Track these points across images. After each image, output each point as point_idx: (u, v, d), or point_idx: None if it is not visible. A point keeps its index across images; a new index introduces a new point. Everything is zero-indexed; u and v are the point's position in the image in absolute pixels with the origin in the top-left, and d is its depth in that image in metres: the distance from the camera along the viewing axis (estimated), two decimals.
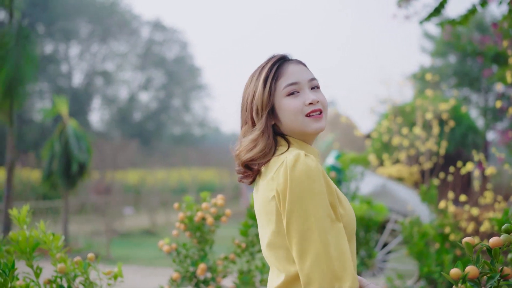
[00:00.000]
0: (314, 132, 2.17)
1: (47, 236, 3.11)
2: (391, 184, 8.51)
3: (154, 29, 45.40)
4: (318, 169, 2.03)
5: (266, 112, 2.16)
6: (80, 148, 12.61)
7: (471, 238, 1.97)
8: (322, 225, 1.97)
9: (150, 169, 24.07)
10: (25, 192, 18.90)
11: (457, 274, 1.90)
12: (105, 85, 43.65)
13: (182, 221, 3.99)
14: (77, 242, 13.79)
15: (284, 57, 2.26)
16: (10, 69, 12.81)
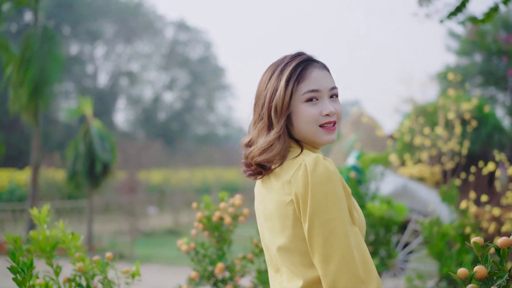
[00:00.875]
0: (324, 143, 2.17)
1: (66, 236, 3.17)
2: (412, 184, 8.48)
3: (178, 30, 45.58)
4: (337, 173, 2.03)
5: (285, 116, 2.14)
6: (104, 148, 12.72)
7: (479, 238, 1.98)
8: (345, 228, 1.97)
9: (174, 169, 24.17)
10: (51, 192, 19.09)
11: (464, 274, 1.92)
12: (130, 85, 43.92)
13: (201, 221, 4.03)
14: (101, 241, 13.91)
15: (310, 59, 2.22)
16: (36, 71, 12.96)
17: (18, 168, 24.65)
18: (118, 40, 43.41)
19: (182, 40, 45.82)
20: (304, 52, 2.25)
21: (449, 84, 13.81)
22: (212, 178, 24.86)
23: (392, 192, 8.02)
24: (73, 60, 40.15)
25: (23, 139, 29.54)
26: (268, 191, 2.18)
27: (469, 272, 1.93)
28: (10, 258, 2.60)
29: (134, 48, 44.15)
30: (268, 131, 2.17)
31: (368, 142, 14.37)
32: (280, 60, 2.23)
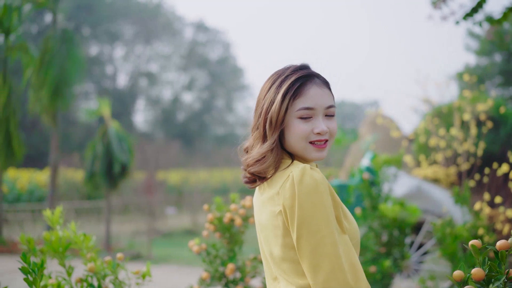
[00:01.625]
0: (313, 160, 2.19)
1: (78, 237, 3.22)
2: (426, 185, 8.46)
3: (197, 30, 45.73)
4: (325, 182, 2.05)
5: (279, 130, 2.16)
6: (122, 149, 12.81)
7: (477, 241, 2.01)
8: (333, 237, 1.99)
9: (192, 169, 24.27)
10: (70, 192, 19.26)
11: (459, 276, 1.95)
12: (149, 86, 44.13)
13: (212, 222, 4.07)
14: (119, 241, 14.01)
15: (311, 74, 2.21)
16: (56, 72, 13.10)
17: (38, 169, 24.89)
18: (137, 41, 43.63)
19: (201, 41, 45.96)
20: (307, 66, 2.26)
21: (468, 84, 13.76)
22: (230, 178, 24.92)
23: (407, 194, 8.01)
24: (93, 61, 40.44)
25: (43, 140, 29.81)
26: (262, 201, 2.21)
27: (465, 274, 1.96)
28: (21, 259, 2.65)
29: (154, 49, 44.37)
30: (262, 142, 2.20)
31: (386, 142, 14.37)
32: (283, 70, 2.25)
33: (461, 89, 19.53)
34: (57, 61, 13.17)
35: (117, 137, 12.84)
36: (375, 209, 6.09)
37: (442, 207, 7.85)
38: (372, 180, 6.38)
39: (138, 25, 42.83)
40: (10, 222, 14.83)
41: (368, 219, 6.06)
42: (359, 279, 1.99)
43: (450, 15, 6.21)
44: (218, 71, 45.01)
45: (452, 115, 9.49)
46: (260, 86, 2.31)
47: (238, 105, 46.48)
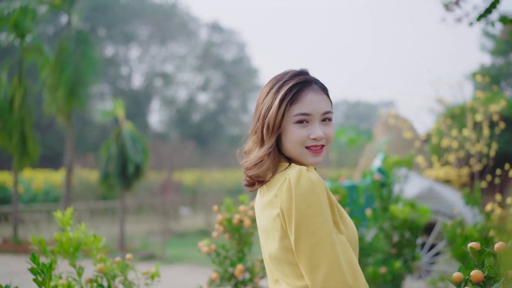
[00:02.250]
0: (309, 165, 2.21)
1: (88, 238, 3.26)
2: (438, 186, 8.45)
3: (212, 31, 45.84)
4: (321, 183, 2.08)
5: (276, 134, 2.19)
6: (136, 150, 12.87)
7: (476, 243, 2.03)
8: (331, 238, 2.01)
9: (207, 169, 24.32)
10: (85, 192, 19.37)
11: (459, 278, 1.97)
12: (164, 86, 44.28)
13: (221, 223, 4.10)
14: (133, 241, 14.08)
15: (309, 80, 2.24)
16: (71, 73, 13.18)
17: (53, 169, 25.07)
18: (152, 41, 43.81)
19: (216, 42, 46.06)
20: (305, 72, 2.29)
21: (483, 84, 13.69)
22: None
23: (418, 195, 8.01)
24: (108, 62, 40.65)
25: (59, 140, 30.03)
26: (262, 204, 2.24)
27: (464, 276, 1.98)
28: (30, 260, 2.70)
29: (169, 49, 44.53)
30: (260, 146, 2.24)
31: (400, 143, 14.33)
32: (281, 75, 2.28)
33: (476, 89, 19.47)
34: (72, 62, 13.26)
35: (131, 138, 12.90)
36: (385, 210, 6.09)
37: (453, 208, 7.84)
38: (383, 181, 6.39)
39: (153, 26, 43.01)
40: (25, 222, 14.95)
41: (378, 220, 6.07)
42: (357, 279, 2.02)
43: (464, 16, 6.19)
44: (233, 72, 45.09)
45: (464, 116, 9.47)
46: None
47: (253, 105, 46.35)
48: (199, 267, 11.00)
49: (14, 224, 13.36)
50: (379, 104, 58.86)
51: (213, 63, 44.85)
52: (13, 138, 12.76)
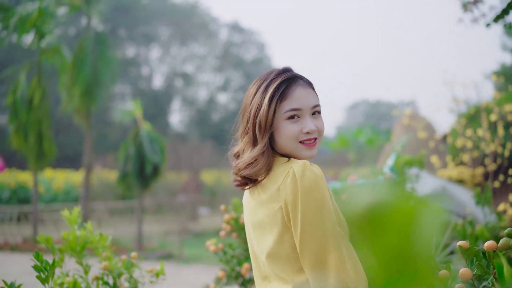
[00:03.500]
0: (304, 159, 2.22)
1: (94, 236, 3.32)
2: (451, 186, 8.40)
3: (232, 31, 45.93)
4: (323, 177, 2.09)
5: (268, 133, 2.21)
6: (154, 150, 12.95)
7: (464, 242, 2.06)
8: (336, 231, 2.03)
9: (226, 169, 24.40)
10: (105, 192, 19.53)
11: (445, 276, 2.00)
12: (184, 86, 44.44)
13: (228, 223, 4.14)
14: (151, 241, 14.17)
15: (294, 76, 2.27)
16: (88, 73, 13.33)
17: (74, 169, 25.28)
18: (173, 42, 44.00)
19: (236, 42, 46.14)
20: (290, 69, 2.32)
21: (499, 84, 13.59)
22: None
23: (430, 194, 7.99)
24: (129, 62, 40.88)
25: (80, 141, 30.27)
26: (256, 200, 2.25)
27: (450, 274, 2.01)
28: (34, 258, 2.76)
29: (189, 49, 44.68)
30: (253, 146, 2.25)
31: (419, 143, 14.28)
32: (266, 75, 2.30)
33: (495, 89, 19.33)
34: (90, 62, 13.40)
35: (149, 138, 13.00)
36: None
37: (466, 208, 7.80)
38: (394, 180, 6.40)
39: (173, 27, 43.19)
40: (45, 222, 15.11)
41: None
42: (358, 272, 2.02)
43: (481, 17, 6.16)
44: (253, 72, 45.09)
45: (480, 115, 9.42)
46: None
47: None
48: (216, 266, 11.05)
49: (34, 223, 13.52)
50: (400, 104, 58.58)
51: (233, 63, 44.93)
52: (29, 139, 12.91)
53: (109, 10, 36.68)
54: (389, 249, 0.64)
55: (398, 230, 0.64)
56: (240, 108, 2.40)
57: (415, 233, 0.65)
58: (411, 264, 0.66)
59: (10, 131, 13.49)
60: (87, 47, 13.56)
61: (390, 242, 0.64)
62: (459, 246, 2.03)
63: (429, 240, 0.67)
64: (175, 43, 44.10)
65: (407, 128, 15.28)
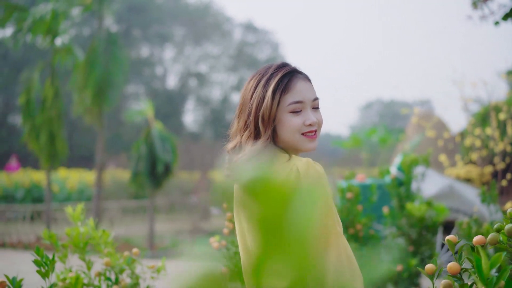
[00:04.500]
0: (306, 151, 2.26)
1: (96, 233, 3.38)
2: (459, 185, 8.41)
3: (246, 31, 45.96)
4: (326, 175, 2.12)
5: (272, 125, 2.22)
6: (165, 149, 13.02)
7: (453, 236, 2.09)
8: (336, 228, 2.06)
9: None
10: (118, 191, 19.64)
11: (431, 269, 2.03)
12: (198, 86, 44.52)
13: (231, 220, 4.19)
14: (163, 240, 14.24)
15: (294, 70, 2.30)
16: (99, 73, 13.42)
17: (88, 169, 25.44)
18: (187, 42, 44.11)
19: (250, 41, 46.18)
20: (288, 64, 2.35)
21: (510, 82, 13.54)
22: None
23: (438, 193, 8.00)
24: (144, 62, 41.04)
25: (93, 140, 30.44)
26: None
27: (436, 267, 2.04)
28: (34, 253, 2.82)
29: (203, 49, 44.77)
30: (255, 140, 2.26)
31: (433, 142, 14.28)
32: (264, 70, 2.32)
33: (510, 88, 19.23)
34: (101, 62, 13.50)
35: (160, 137, 13.06)
36: (402, 208, 6.13)
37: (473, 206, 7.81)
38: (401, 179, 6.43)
39: (187, 27, 43.31)
40: (58, 220, 15.23)
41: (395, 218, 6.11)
42: (354, 269, 2.04)
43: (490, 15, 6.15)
44: None
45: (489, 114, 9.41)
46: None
47: None
48: None
49: (47, 222, 13.63)
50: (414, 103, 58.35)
51: (247, 63, 44.95)
52: (41, 138, 13.01)
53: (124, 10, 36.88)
54: (265, 221, 0.69)
55: (272, 205, 0.68)
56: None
57: (289, 209, 0.69)
58: (285, 236, 0.70)
59: (24, 131, 13.60)
60: (99, 47, 13.66)
61: (266, 214, 0.68)
62: (447, 240, 2.06)
63: (306, 217, 0.71)
64: (189, 43, 44.21)
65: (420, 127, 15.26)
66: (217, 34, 44.51)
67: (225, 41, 45.24)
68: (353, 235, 5.49)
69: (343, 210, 5.49)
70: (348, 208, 5.47)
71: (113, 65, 13.69)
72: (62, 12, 12.67)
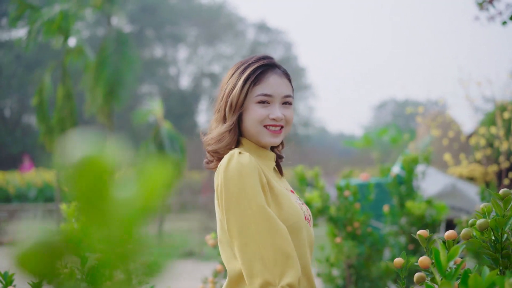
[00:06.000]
0: (267, 145, 2.30)
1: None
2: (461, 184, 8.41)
3: (259, 31, 46.04)
4: (251, 166, 2.10)
5: (238, 112, 2.27)
6: (174, 149, 13.08)
7: (424, 231, 2.12)
8: (257, 220, 2.02)
9: None
10: None
11: (400, 263, 2.07)
12: (212, 86, 44.61)
13: None
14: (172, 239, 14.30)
15: (272, 64, 2.34)
16: (110, 73, 13.52)
17: None
18: (200, 42, 44.23)
19: (263, 41, 46.24)
20: (270, 56, 2.39)
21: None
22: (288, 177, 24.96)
23: (441, 192, 8.01)
24: (157, 63, 41.21)
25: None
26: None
27: (405, 261, 2.08)
28: None
29: (216, 50, 44.88)
30: (223, 123, 2.32)
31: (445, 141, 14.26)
32: (247, 58, 2.37)
33: None
34: (112, 63, 13.59)
35: (169, 137, 13.12)
36: (402, 206, 6.16)
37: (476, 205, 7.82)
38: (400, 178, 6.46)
39: (200, 27, 43.43)
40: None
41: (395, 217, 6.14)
42: (287, 259, 2.02)
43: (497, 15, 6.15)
44: None
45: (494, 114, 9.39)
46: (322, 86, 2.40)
47: (300, 104, 46.50)
48: None
49: (57, 221, 13.74)
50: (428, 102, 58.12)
51: None
52: (53, 139, 13.12)
53: (137, 11, 37.06)
54: (83, 198, 0.73)
55: (91, 182, 0.72)
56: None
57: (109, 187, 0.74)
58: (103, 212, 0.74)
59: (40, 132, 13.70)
60: (109, 47, 13.76)
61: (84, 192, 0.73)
62: (418, 235, 2.09)
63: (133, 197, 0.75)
64: (202, 43, 44.34)
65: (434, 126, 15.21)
66: (230, 34, 44.61)
67: (238, 41, 45.34)
68: (351, 233, 5.53)
69: (340, 208, 5.54)
70: (346, 206, 5.51)
71: (123, 65, 13.78)
72: (72, 13, 12.76)
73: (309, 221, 2.32)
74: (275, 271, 1.99)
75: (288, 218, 2.16)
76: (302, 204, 2.36)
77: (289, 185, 2.49)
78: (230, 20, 44.98)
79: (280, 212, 2.16)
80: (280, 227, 2.07)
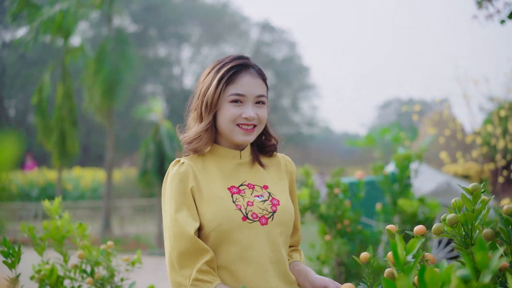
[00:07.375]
0: (239, 143, 2.38)
1: (71, 226, 3.45)
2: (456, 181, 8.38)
3: (263, 30, 45.98)
4: (178, 175, 2.30)
5: (213, 111, 2.34)
6: (173, 148, 13.10)
7: (392, 226, 2.12)
8: (170, 218, 2.27)
9: None
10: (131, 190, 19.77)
11: (365, 258, 2.07)
12: None
13: None
14: None
15: (246, 64, 2.38)
16: (108, 72, 13.53)
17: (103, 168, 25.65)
18: (204, 42, 44.21)
19: (267, 41, 46.18)
20: (245, 56, 2.43)
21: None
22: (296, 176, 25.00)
23: (435, 190, 7.98)
24: (161, 62, 41.20)
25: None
26: None
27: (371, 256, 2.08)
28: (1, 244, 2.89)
29: (220, 49, 44.83)
30: (199, 122, 2.39)
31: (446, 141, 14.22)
32: (223, 58, 2.43)
33: None
34: (111, 61, 13.60)
35: (168, 135, 13.14)
36: (394, 204, 6.14)
37: None
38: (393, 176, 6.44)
39: (204, 27, 43.42)
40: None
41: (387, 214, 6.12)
42: (198, 247, 2.20)
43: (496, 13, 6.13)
44: (284, 71, 45.09)
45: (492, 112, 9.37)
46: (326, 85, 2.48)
47: (304, 104, 46.46)
48: None
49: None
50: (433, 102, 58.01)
51: (264, 62, 44.94)
52: (52, 137, 13.14)
53: (140, 10, 37.05)
54: None
55: None
56: None
57: None
58: None
59: (38, 131, 13.74)
60: (108, 46, 13.77)
61: None
62: (387, 230, 2.09)
63: None
64: (206, 43, 44.32)
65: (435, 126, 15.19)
66: (234, 34, 44.60)
67: (242, 41, 45.31)
68: (340, 231, 5.52)
69: (331, 206, 5.53)
70: (336, 204, 5.50)
71: (122, 63, 13.79)
72: (71, 12, 12.78)
73: (263, 219, 2.34)
74: (173, 265, 2.25)
75: (212, 220, 2.27)
76: (263, 202, 2.39)
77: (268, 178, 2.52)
78: (234, 20, 44.95)
79: (204, 216, 2.29)
80: (186, 226, 2.25)
